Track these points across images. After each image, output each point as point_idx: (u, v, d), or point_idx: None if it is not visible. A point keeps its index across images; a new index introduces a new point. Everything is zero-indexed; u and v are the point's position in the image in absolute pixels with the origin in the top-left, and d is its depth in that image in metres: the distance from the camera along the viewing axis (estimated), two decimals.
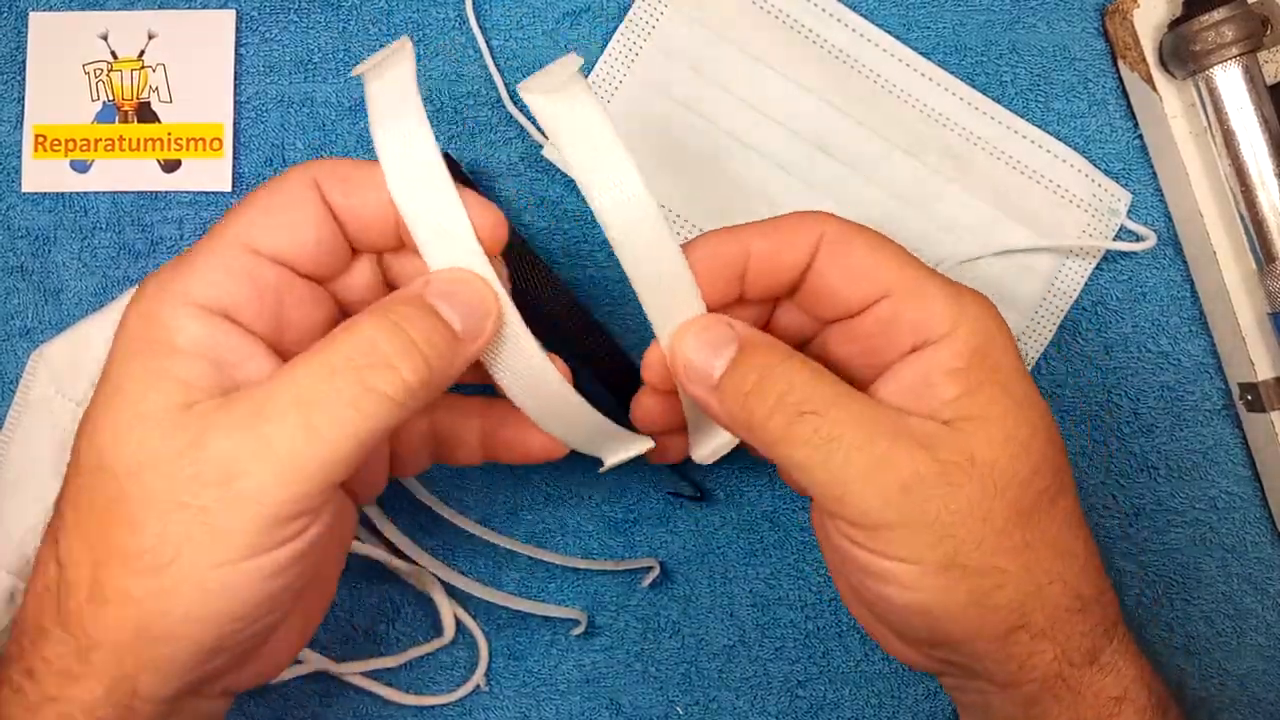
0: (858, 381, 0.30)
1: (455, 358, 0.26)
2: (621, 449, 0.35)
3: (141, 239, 0.40)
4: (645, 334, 0.41)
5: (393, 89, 0.27)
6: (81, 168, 0.40)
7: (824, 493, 0.27)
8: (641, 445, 0.34)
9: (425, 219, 0.27)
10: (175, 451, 0.23)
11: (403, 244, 0.28)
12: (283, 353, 0.26)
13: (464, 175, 0.39)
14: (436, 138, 0.41)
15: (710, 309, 0.30)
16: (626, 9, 0.40)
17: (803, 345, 0.32)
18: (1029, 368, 0.40)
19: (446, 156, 0.39)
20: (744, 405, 0.28)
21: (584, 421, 0.31)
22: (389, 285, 0.30)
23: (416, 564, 0.39)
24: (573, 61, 0.28)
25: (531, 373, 0.29)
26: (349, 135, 0.40)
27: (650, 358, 0.31)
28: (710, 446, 0.33)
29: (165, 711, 0.25)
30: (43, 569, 0.25)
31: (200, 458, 0.23)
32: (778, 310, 0.32)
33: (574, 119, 0.27)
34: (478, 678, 0.39)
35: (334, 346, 0.25)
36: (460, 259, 0.27)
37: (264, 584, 0.24)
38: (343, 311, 0.29)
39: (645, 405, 0.32)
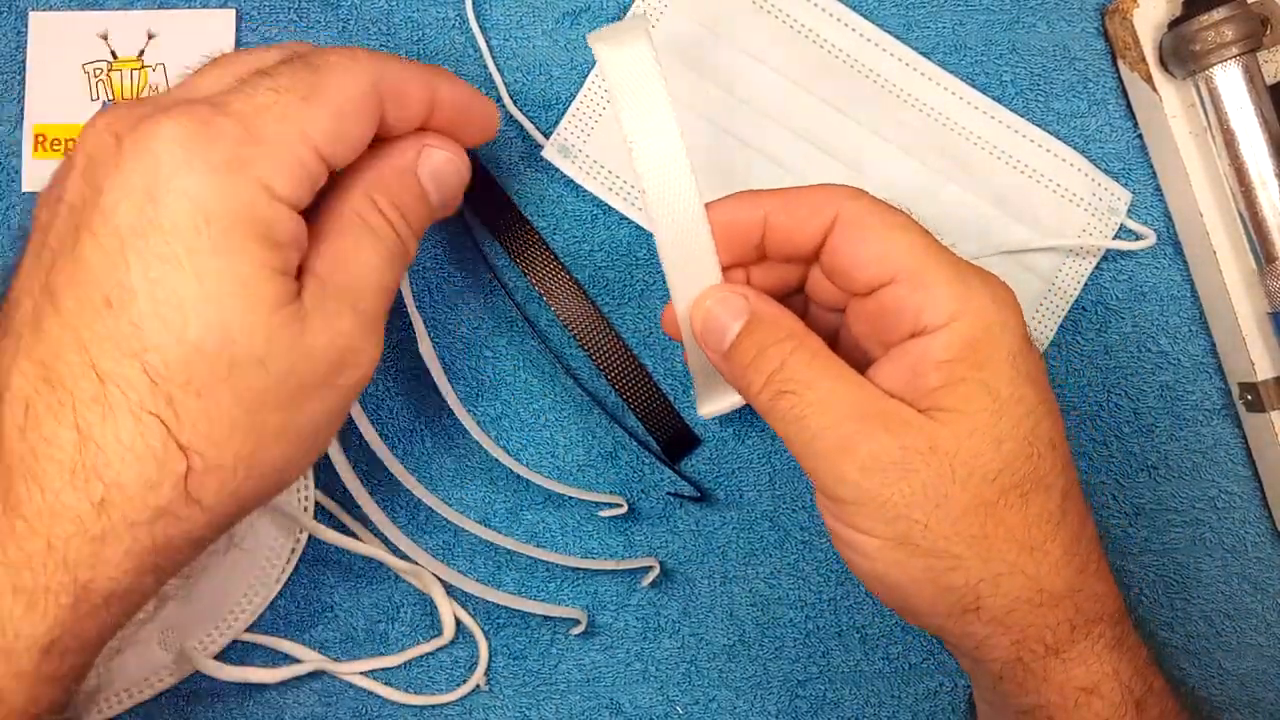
0: (869, 358, 0.31)
1: (428, 222, 0.31)
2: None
3: None
4: (648, 335, 0.41)
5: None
6: None
7: (800, 463, 0.30)
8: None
9: None
10: (322, 341, 0.26)
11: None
12: None
13: (483, 165, 0.39)
14: None
15: (734, 264, 0.32)
16: (626, 9, 0.40)
17: (836, 312, 0.33)
18: None
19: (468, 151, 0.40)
20: (743, 376, 0.30)
21: None
22: None
23: (416, 564, 0.39)
24: (643, 20, 0.30)
25: None
26: None
27: (667, 315, 0.33)
28: (712, 407, 0.36)
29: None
30: (140, 458, 0.25)
31: (341, 344, 0.27)
32: (817, 274, 0.33)
33: (631, 74, 0.30)
34: (477, 677, 0.39)
35: (379, 234, 0.28)
36: None
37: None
38: None
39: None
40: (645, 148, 0.30)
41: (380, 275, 0.28)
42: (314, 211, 0.28)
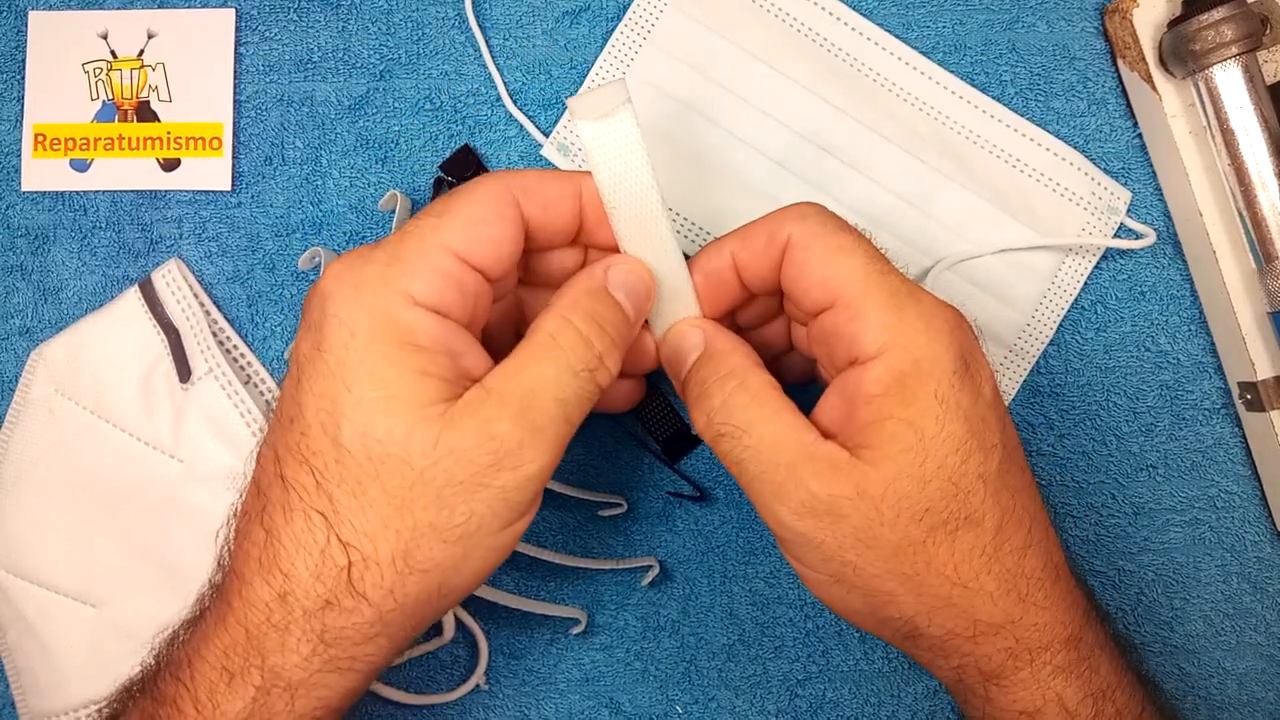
0: (825, 380, 0.32)
1: (630, 337, 0.31)
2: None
3: (141, 238, 0.40)
4: None
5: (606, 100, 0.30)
6: (81, 167, 0.40)
7: (747, 495, 0.30)
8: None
9: (627, 212, 0.31)
10: (470, 442, 0.27)
11: (565, 242, 0.32)
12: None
13: (481, 163, 0.39)
14: (435, 137, 0.41)
15: (728, 309, 0.33)
16: (626, 8, 0.40)
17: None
18: (1029, 366, 0.40)
19: (466, 148, 0.40)
20: (690, 410, 0.31)
21: None
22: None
23: None
24: (621, 86, 0.29)
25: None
26: (348, 134, 0.40)
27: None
28: None
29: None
30: (309, 552, 0.27)
31: (493, 447, 0.27)
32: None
33: (612, 149, 0.30)
34: (477, 676, 0.39)
35: (564, 348, 0.29)
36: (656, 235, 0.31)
37: (516, 541, 0.29)
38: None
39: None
40: (624, 212, 0.30)
41: (556, 386, 0.28)
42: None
